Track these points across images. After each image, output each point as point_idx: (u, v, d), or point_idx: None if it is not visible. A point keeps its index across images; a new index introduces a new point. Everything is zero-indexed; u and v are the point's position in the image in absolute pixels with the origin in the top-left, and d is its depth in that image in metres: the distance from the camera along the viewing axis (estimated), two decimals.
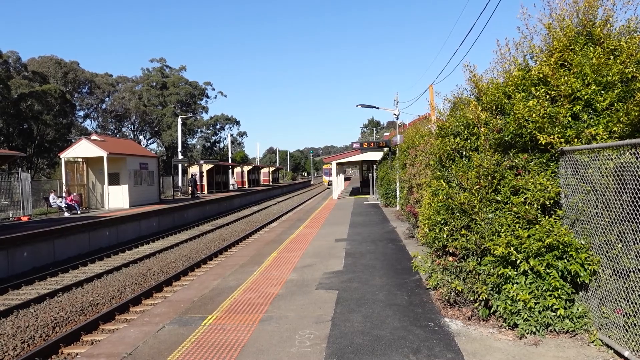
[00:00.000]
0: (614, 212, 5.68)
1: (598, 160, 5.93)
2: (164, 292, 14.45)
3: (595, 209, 6.01)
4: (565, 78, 6.63)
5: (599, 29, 6.85)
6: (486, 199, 6.97)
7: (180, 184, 49.70)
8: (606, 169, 5.74)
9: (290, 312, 8.18)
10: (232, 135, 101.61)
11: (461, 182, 7.27)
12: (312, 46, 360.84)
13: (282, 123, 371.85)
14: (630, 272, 5.54)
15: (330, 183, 66.11)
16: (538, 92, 6.78)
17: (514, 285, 6.56)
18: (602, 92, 6.48)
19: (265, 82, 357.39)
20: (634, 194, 5.37)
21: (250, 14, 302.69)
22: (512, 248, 6.47)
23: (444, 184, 7.58)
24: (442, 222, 7.58)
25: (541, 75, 6.90)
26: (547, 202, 6.65)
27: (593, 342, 6.24)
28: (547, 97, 6.78)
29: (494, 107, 7.41)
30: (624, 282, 5.62)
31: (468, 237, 7.11)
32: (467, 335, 6.83)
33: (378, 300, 8.61)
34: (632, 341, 5.58)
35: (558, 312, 6.37)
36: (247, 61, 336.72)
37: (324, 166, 75.87)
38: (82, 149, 30.37)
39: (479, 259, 7.12)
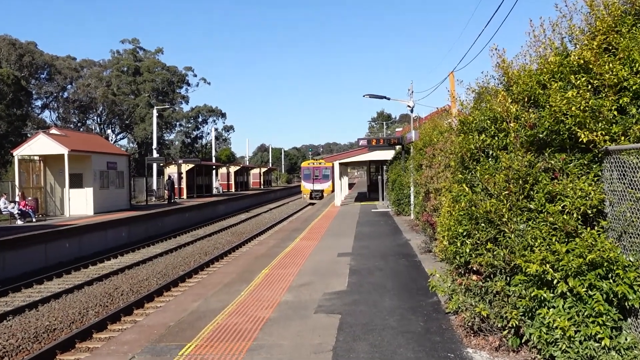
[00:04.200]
0: None
1: None
2: (134, 315, 14.42)
3: None
4: (610, 65, 6.60)
5: None
6: (517, 206, 6.98)
7: (155, 187, 49.70)
8: None
9: (283, 340, 8.15)
10: (216, 129, 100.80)
11: (487, 187, 7.26)
12: (313, 31, 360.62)
13: (276, 117, 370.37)
14: None
15: (315, 195, 59.47)
16: (578, 81, 6.75)
17: (550, 309, 6.51)
18: None
19: (257, 70, 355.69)
20: None
21: None
22: (547, 265, 6.41)
23: (467, 189, 7.55)
24: (465, 234, 7.53)
25: (582, 62, 6.86)
26: (589, 211, 6.61)
27: None
28: (589, 87, 6.73)
29: (526, 99, 7.41)
30: None
31: (495, 252, 7.13)
32: None
33: (388, 326, 8.58)
34: None
35: (602, 343, 6.32)
36: (236, 45, 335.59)
37: (303, 164, 63.48)
38: (39, 145, 30.40)
39: (508, 279, 7.12)
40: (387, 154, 34.13)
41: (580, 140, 6.61)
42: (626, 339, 6.37)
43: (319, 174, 60.82)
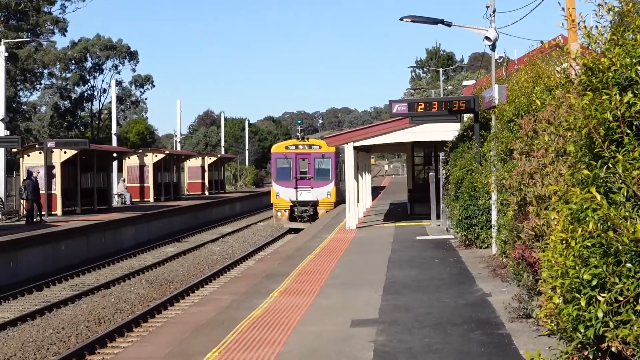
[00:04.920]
0: None
1: None
2: None
3: None
4: None
5: None
6: None
7: (0, 192, 31.17)
8: None
9: None
10: (120, 82, 66.25)
11: (638, 193, 5.34)
12: None
13: (235, 70, 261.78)
14: None
15: (299, 212, 35.77)
16: None
17: None
18: None
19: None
20: None
21: None
22: None
23: (599, 197, 5.26)
24: (595, 283, 5.36)
25: None
26: None
27: None
28: None
29: None
30: None
31: None
32: None
33: None
34: None
35: None
36: None
37: (275, 148, 39.05)
38: None
39: None
40: (446, 130, 21.59)
41: None
42: None
43: (308, 167, 36.05)
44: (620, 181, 5.31)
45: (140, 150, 45.66)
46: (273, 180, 37.55)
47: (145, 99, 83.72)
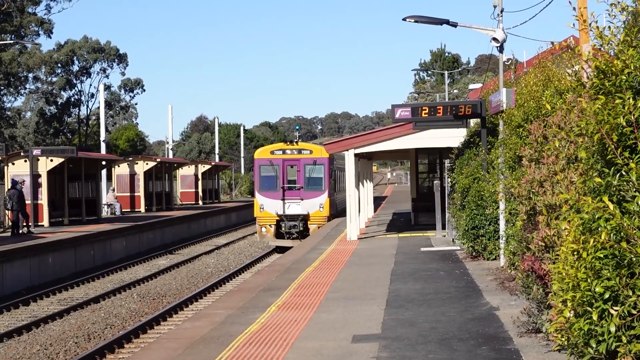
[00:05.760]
0: None
1: None
2: None
3: None
4: None
5: None
6: None
7: None
8: None
9: None
10: (108, 87, 63.91)
11: None
12: None
13: (228, 75, 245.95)
14: None
15: (287, 228, 31.72)
16: None
17: None
18: None
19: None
20: None
21: None
22: None
23: (611, 206, 5.25)
24: (607, 296, 5.37)
25: None
26: None
27: None
28: None
29: None
30: None
31: None
32: None
33: None
34: None
35: None
36: None
37: (259, 154, 34.21)
38: None
39: None
40: (452, 137, 21.10)
41: None
42: None
43: (297, 175, 32.29)
44: (634, 189, 5.18)
45: (130, 158, 44.12)
46: (257, 191, 32.99)
47: (135, 104, 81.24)
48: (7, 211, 27.91)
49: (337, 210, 34.08)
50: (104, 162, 38.19)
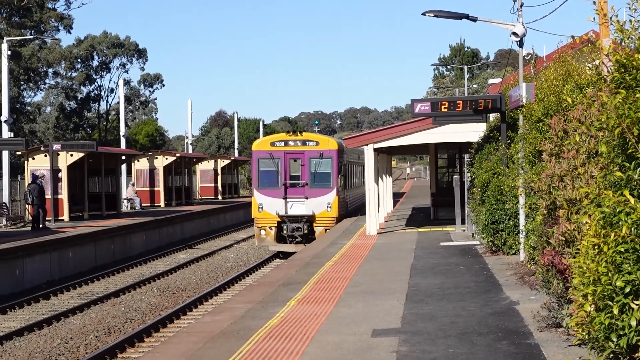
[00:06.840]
0: None
1: None
2: None
3: None
4: None
5: None
6: None
7: (6, 197, 30.19)
8: None
9: None
10: (128, 82, 63.08)
11: None
12: None
13: (248, 70, 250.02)
14: None
15: (290, 230, 27.41)
16: None
17: None
18: None
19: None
20: None
21: None
22: None
23: (633, 200, 5.19)
24: (629, 290, 5.27)
25: None
26: None
27: None
28: None
29: None
30: None
31: None
32: None
33: None
34: None
35: None
36: None
37: (256, 145, 29.55)
38: None
39: None
40: (471, 131, 20.86)
41: None
42: None
43: (301, 170, 28.06)
44: None
45: (150, 153, 44.13)
46: (254, 188, 28.43)
47: (155, 99, 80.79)
48: (27, 205, 28.06)
49: (348, 211, 31.32)
50: (123, 157, 38.07)
